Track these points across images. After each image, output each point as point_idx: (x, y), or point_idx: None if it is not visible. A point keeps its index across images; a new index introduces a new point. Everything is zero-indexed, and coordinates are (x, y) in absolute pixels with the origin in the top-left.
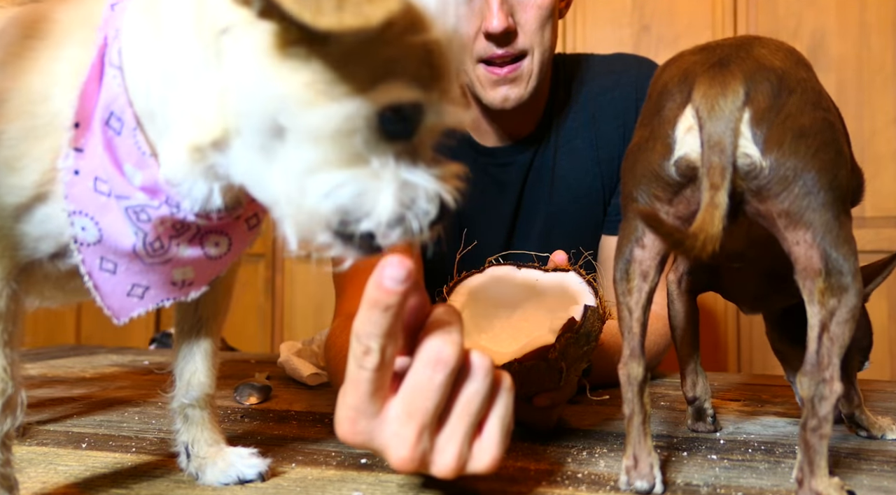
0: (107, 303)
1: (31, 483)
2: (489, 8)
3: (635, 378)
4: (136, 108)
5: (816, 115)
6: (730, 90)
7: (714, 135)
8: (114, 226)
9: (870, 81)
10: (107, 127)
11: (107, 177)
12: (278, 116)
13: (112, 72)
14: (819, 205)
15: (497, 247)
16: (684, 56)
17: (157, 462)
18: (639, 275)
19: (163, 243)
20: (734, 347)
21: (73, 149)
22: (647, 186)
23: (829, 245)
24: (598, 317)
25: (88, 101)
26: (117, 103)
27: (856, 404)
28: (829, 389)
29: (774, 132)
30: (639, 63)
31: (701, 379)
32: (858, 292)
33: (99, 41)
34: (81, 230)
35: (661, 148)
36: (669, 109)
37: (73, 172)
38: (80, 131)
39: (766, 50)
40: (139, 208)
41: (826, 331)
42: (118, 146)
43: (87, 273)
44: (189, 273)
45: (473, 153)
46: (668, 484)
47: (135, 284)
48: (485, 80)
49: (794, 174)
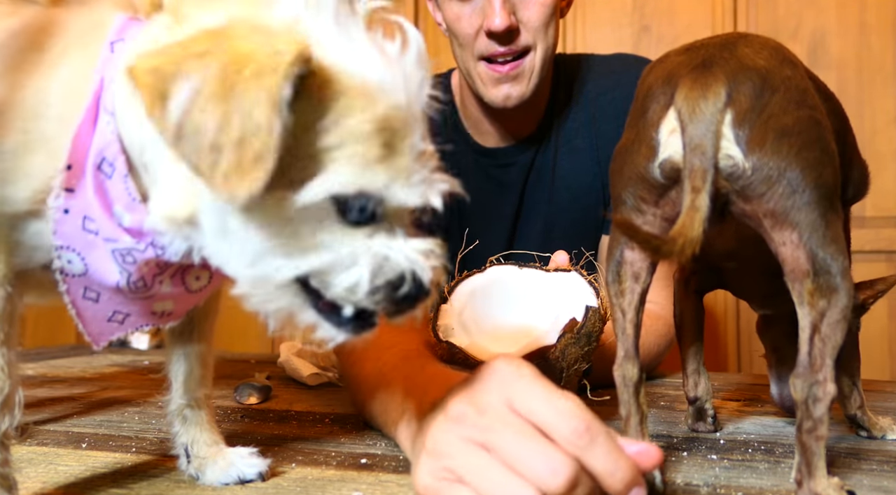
0: (87, 329)
1: (32, 482)
2: (491, 6)
3: (630, 379)
4: (129, 156)
5: (800, 114)
6: (711, 92)
7: (695, 137)
8: (100, 262)
9: (870, 81)
10: (98, 171)
11: (95, 218)
12: (228, 215)
13: (106, 118)
14: (804, 204)
15: (498, 247)
16: (670, 57)
17: (157, 462)
18: (630, 277)
19: (146, 282)
20: (734, 347)
21: (65, 189)
22: (634, 188)
23: (816, 245)
24: (599, 317)
25: (82, 144)
26: (110, 150)
27: (858, 405)
28: (822, 391)
29: (756, 132)
30: (639, 63)
31: (703, 379)
32: (849, 292)
33: (95, 83)
34: (68, 263)
35: (646, 150)
36: (654, 111)
37: (63, 211)
38: (73, 173)
39: (749, 49)
40: (126, 251)
41: (817, 332)
42: (109, 189)
43: (71, 301)
44: (169, 305)
45: (474, 154)
46: (667, 484)
47: (116, 311)
48: (486, 77)
49: (778, 173)
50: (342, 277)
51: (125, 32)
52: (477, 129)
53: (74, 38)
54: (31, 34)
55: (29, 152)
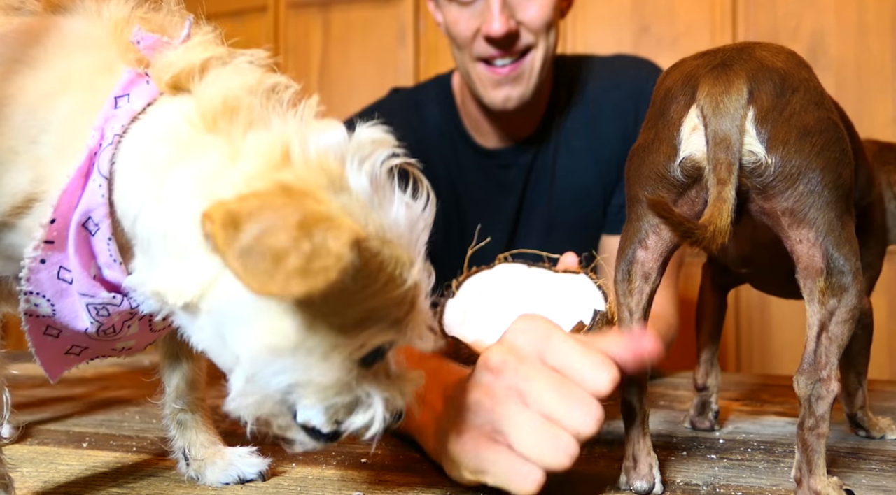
0: (45, 365)
1: (32, 482)
2: (490, 11)
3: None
4: (119, 221)
5: (820, 114)
6: (734, 88)
7: (720, 131)
8: (70, 309)
9: (869, 81)
10: (83, 227)
11: (72, 271)
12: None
13: (99, 180)
14: (823, 204)
15: (499, 248)
16: (686, 61)
17: (157, 461)
18: (640, 277)
19: (116, 329)
20: (734, 347)
21: (44, 241)
22: (653, 188)
23: (832, 244)
24: (606, 321)
25: (69, 201)
26: (97, 212)
27: (859, 405)
28: (826, 389)
29: (779, 130)
30: (638, 64)
31: (714, 371)
32: (859, 293)
33: (93, 140)
34: (35, 306)
35: (667, 149)
36: (674, 111)
37: (40, 261)
38: (56, 226)
39: (767, 52)
40: (101, 305)
41: (825, 330)
42: (93, 243)
43: (31, 338)
44: (130, 343)
45: (475, 155)
46: (667, 484)
47: (74, 345)
48: (486, 79)
49: (799, 172)
50: (359, 417)
51: (131, 88)
52: (477, 130)
53: (79, 75)
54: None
55: (15, 171)
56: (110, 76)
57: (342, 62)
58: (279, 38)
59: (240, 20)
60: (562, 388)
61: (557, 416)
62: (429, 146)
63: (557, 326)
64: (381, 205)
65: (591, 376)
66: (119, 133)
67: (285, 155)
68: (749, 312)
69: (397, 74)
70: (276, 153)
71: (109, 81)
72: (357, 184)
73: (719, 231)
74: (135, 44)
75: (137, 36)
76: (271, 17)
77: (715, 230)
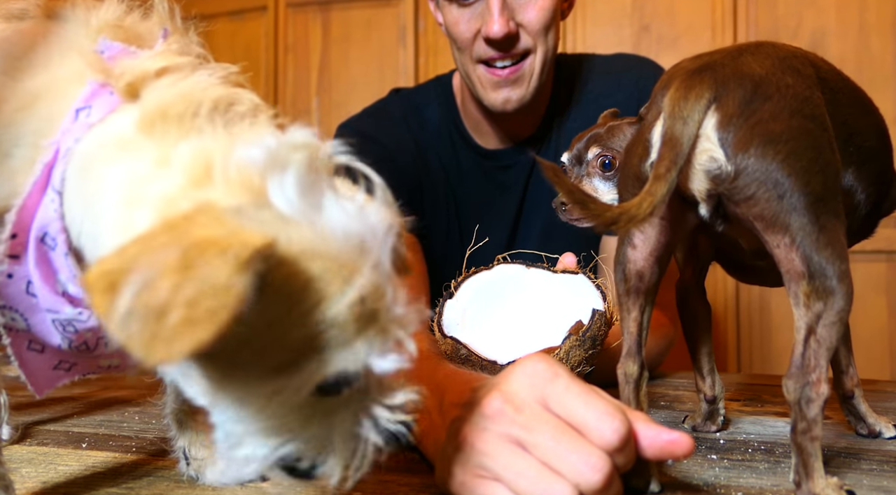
0: (31, 380)
1: (32, 482)
2: (490, 12)
3: (631, 376)
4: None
5: (793, 123)
6: (693, 93)
7: (671, 131)
8: (42, 325)
9: (870, 81)
10: (41, 243)
11: (36, 287)
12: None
13: (52, 195)
14: (792, 209)
15: (499, 248)
16: (681, 63)
17: (157, 461)
18: (635, 275)
19: (89, 345)
20: (734, 347)
21: (9, 256)
22: (632, 187)
23: (810, 248)
24: (604, 321)
25: (26, 216)
26: (52, 226)
27: (855, 382)
28: (815, 392)
29: (742, 136)
30: (639, 63)
31: (718, 378)
32: (846, 295)
33: (49, 154)
34: (11, 320)
35: (641, 150)
36: (652, 114)
37: (7, 275)
38: (17, 241)
39: (752, 57)
40: (66, 322)
41: (812, 333)
42: (52, 259)
43: (15, 353)
44: (115, 361)
45: (476, 156)
46: (667, 484)
47: (62, 360)
48: (486, 81)
49: (763, 177)
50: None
51: (92, 100)
52: (478, 131)
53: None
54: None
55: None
56: (81, 87)
57: (342, 62)
58: (279, 38)
59: (240, 20)
60: (563, 436)
61: (556, 465)
62: (429, 147)
63: (561, 369)
64: (311, 217)
65: (596, 426)
66: (72, 146)
67: (207, 171)
68: (749, 312)
69: (397, 74)
70: (199, 169)
71: (74, 92)
72: (279, 197)
73: (632, 220)
74: (99, 54)
75: (102, 46)
76: (271, 17)
77: (624, 216)
